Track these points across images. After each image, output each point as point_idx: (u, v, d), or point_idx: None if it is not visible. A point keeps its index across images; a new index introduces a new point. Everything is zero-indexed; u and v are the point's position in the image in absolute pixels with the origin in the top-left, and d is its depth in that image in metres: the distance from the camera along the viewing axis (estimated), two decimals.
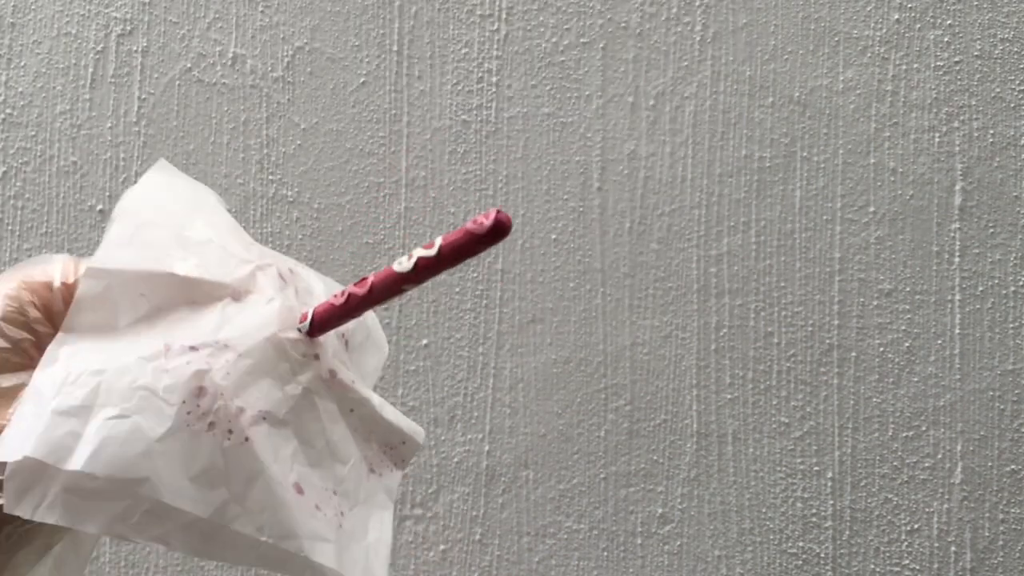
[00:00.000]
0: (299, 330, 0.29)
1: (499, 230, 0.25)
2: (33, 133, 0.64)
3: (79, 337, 0.27)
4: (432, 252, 0.26)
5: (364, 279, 0.28)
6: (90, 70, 0.64)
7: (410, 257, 0.27)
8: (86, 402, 0.26)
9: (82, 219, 0.63)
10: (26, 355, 0.28)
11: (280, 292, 0.29)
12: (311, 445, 0.29)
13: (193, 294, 0.28)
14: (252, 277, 0.29)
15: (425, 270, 0.27)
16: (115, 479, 0.26)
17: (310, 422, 0.29)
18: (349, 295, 0.28)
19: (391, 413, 0.31)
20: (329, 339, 0.30)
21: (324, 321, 0.29)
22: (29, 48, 0.64)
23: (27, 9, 0.64)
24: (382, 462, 0.31)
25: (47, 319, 0.28)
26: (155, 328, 0.28)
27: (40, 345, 0.28)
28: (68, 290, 0.29)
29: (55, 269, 0.29)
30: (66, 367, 0.27)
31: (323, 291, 0.31)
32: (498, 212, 0.25)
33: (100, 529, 0.26)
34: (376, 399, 0.31)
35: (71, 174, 0.63)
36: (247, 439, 0.27)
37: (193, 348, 0.27)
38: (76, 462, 0.25)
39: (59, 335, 0.27)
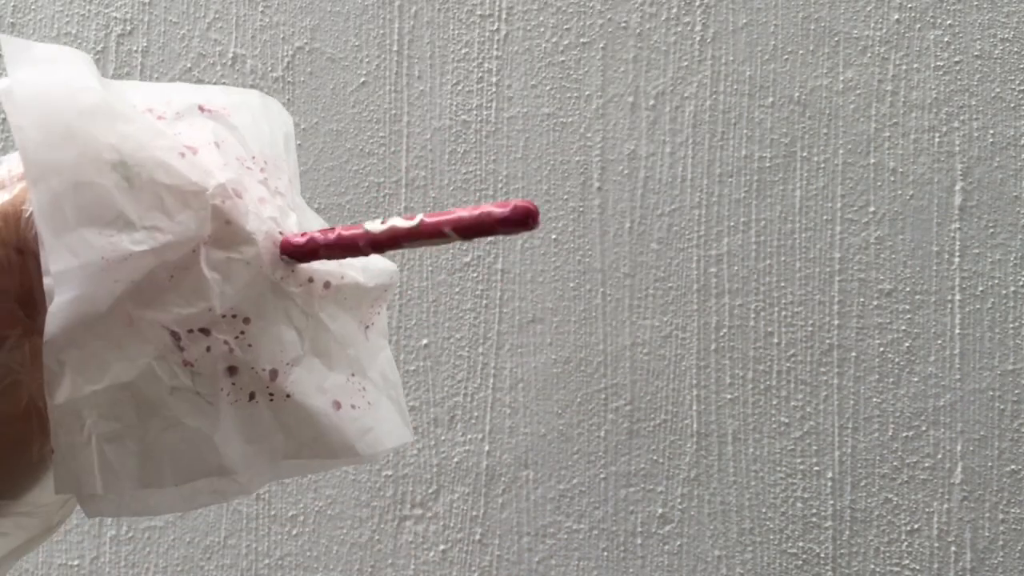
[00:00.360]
0: (284, 259, 0.28)
1: (521, 220, 0.24)
2: None
3: (68, 342, 0.25)
4: (412, 223, 0.26)
5: (361, 227, 0.27)
6: None
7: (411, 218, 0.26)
8: (129, 421, 0.26)
9: None
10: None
11: (248, 217, 0.27)
12: (326, 355, 0.29)
13: (164, 257, 0.26)
14: (215, 215, 0.27)
15: (429, 228, 0.26)
16: (192, 479, 0.26)
17: (320, 337, 0.29)
18: (339, 235, 0.27)
19: (372, 276, 0.31)
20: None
21: (311, 256, 0.28)
22: None
23: (27, 9, 0.64)
24: (371, 313, 0.32)
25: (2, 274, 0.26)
26: (144, 307, 0.26)
27: (8, 306, 0.26)
28: (6, 225, 0.27)
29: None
30: (82, 384, 0.25)
31: (255, 151, 0.29)
32: (527, 204, 0.24)
33: (180, 509, 0.27)
34: (359, 272, 0.30)
35: None
36: (288, 395, 0.28)
37: (204, 331, 0.27)
38: (150, 480, 0.26)
39: (46, 346, 0.25)
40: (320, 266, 0.29)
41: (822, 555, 0.62)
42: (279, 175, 0.30)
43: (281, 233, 0.28)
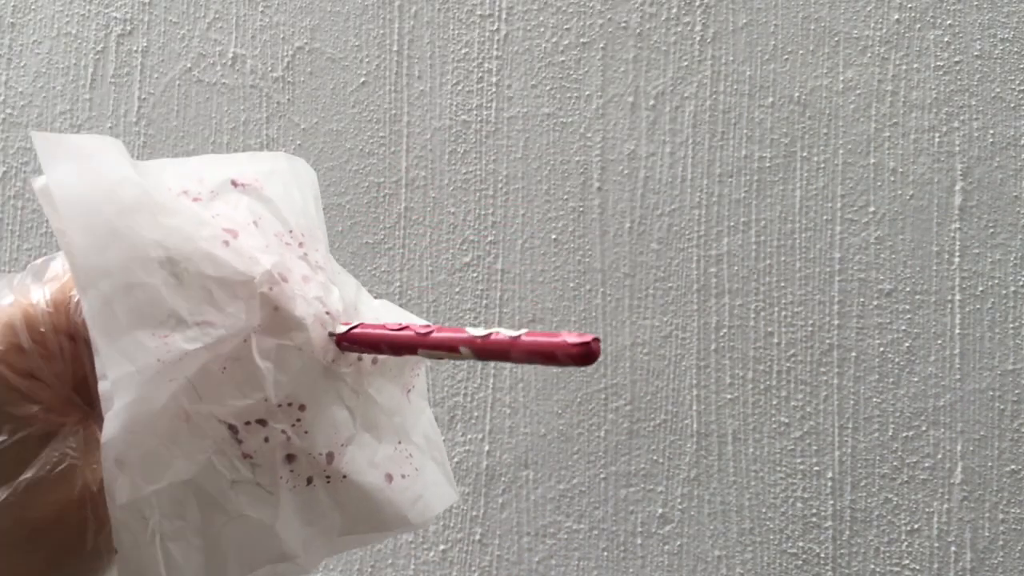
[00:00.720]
0: (331, 335, 0.28)
1: (588, 355, 0.23)
2: None
3: (127, 442, 0.25)
4: (509, 334, 0.25)
5: (428, 326, 0.27)
6: (90, 70, 0.64)
7: (487, 328, 0.26)
8: (192, 517, 0.26)
9: None
10: (44, 422, 0.26)
11: (295, 303, 0.27)
12: (376, 427, 0.29)
13: (216, 350, 0.26)
14: (264, 304, 0.27)
15: (491, 345, 0.25)
16: (256, 568, 0.27)
17: (370, 410, 0.29)
18: (404, 327, 0.27)
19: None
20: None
21: (364, 344, 0.28)
22: (29, 48, 0.64)
23: (27, 9, 0.64)
24: (411, 378, 0.32)
25: (36, 382, 0.26)
26: (199, 401, 0.26)
27: (48, 408, 0.26)
28: (41, 344, 0.26)
29: (16, 326, 0.26)
30: (142, 484, 0.25)
31: (292, 223, 0.29)
32: (594, 339, 0.23)
33: None
34: None
35: None
36: (345, 476, 0.28)
37: (261, 422, 0.26)
38: (215, 574, 0.26)
39: (104, 448, 0.25)
40: None
41: (822, 555, 0.62)
42: (316, 245, 0.30)
43: (328, 314, 0.28)
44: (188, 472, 0.26)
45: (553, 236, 0.63)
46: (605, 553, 0.62)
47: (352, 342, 0.28)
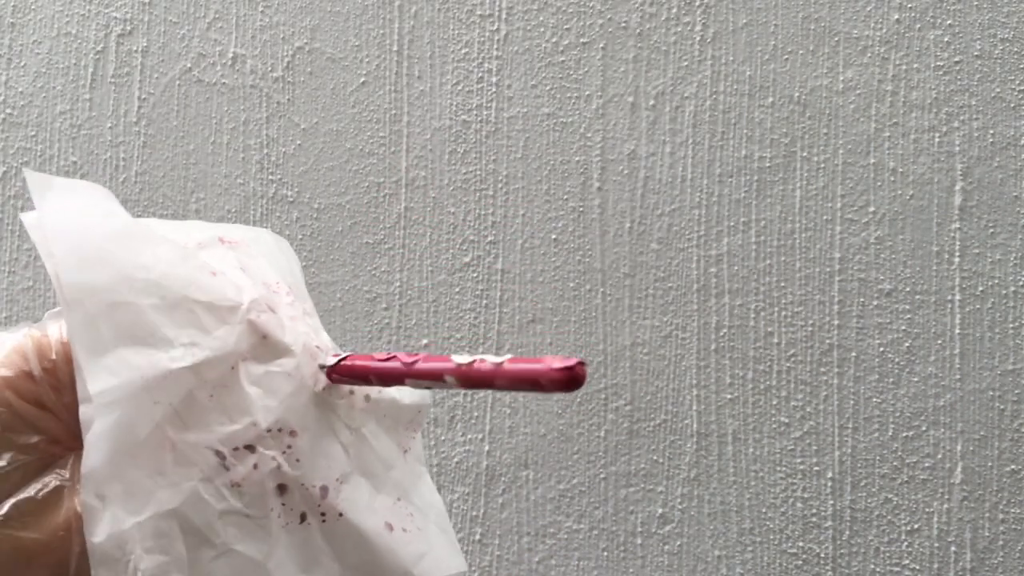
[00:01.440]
0: (322, 367, 0.27)
1: (572, 380, 0.23)
2: (33, 133, 0.64)
3: (108, 474, 0.24)
4: (493, 362, 0.24)
5: (415, 355, 0.26)
6: (90, 70, 0.64)
7: (472, 356, 0.26)
8: (176, 553, 0.24)
9: None
10: (45, 454, 0.26)
11: (284, 331, 0.27)
12: (373, 475, 0.29)
13: (203, 375, 0.26)
14: (250, 330, 0.27)
15: (474, 374, 0.25)
16: None
17: (365, 455, 0.29)
18: (391, 357, 0.26)
19: (407, 396, 0.31)
20: None
21: (353, 375, 0.27)
22: (29, 48, 0.64)
23: (27, 9, 0.64)
24: (407, 437, 0.31)
25: (44, 411, 0.26)
26: (185, 429, 0.25)
27: (52, 439, 0.26)
28: (51, 373, 0.26)
29: (28, 355, 0.26)
30: (124, 517, 0.24)
31: (274, 274, 0.29)
32: (578, 363, 0.23)
33: None
34: (395, 390, 0.30)
35: (71, 174, 0.63)
36: (341, 514, 0.27)
37: (249, 447, 0.25)
38: None
39: (84, 481, 0.24)
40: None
41: (822, 555, 0.62)
42: (304, 300, 0.30)
43: (318, 347, 0.28)
44: (173, 501, 0.25)
45: (553, 236, 0.63)
46: (605, 553, 0.62)
47: (341, 374, 0.27)
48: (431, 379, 0.25)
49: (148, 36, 0.64)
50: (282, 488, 0.26)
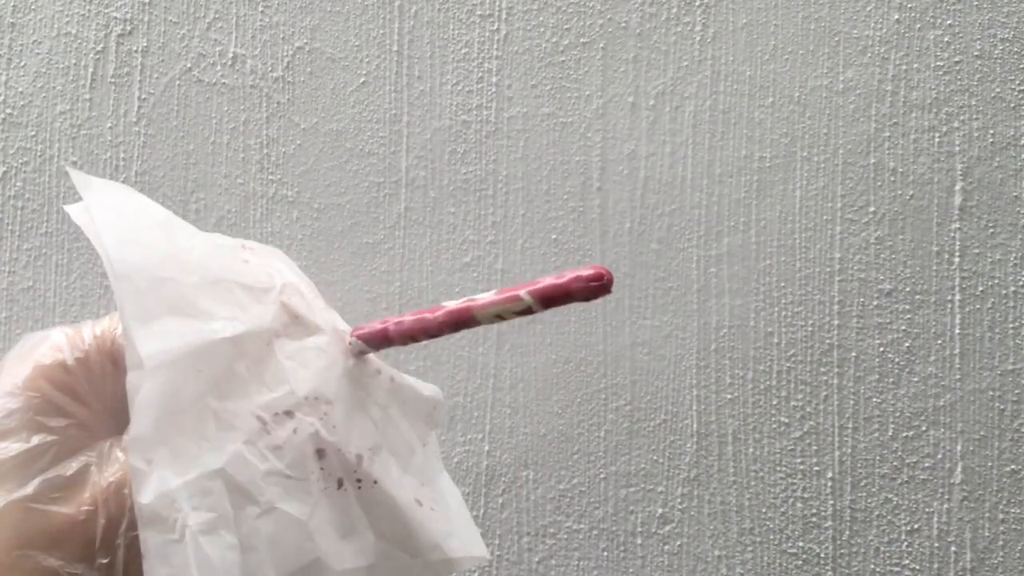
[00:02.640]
0: (350, 343, 0.29)
1: (604, 287, 0.24)
2: (33, 133, 0.64)
3: (154, 440, 0.25)
4: (523, 293, 0.26)
5: (439, 307, 0.28)
6: (90, 70, 0.64)
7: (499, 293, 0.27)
8: (223, 509, 0.25)
9: None
10: (73, 439, 0.27)
11: (314, 312, 0.29)
12: (399, 454, 0.30)
13: (241, 348, 0.27)
14: (283, 309, 0.28)
15: (510, 299, 0.26)
16: (292, 572, 0.26)
17: (393, 434, 0.30)
18: (419, 318, 0.28)
19: (424, 388, 0.32)
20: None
21: (382, 341, 0.29)
22: (29, 48, 0.64)
23: (27, 9, 0.64)
24: (426, 432, 0.32)
25: (75, 400, 0.27)
26: (225, 399, 0.26)
27: (81, 424, 0.27)
28: (84, 364, 0.28)
29: (61, 346, 0.28)
30: (170, 478, 0.25)
31: (296, 278, 0.31)
32: (603, 271, 0.24)
33: None
34: (412, 380, 0.31)
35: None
36: (376, 481, 0.28)
37: (288, 413, 0.27)
38: (251, 573, 0.25)
39: (131, 445, 0.25)
40: (382, 362, 0.30)
41: (822, 555, 0.62)
42: (323, 303, 0.31)
43: (344, 330, 0.29)
44: (218, 462, 0.25)
45: (553, 236, 0.63)
46: (605, 553, 0.62)
47: (371, 339, 0.29)
48: (463, 323, 0.27)
49: (148, 36, 0.64)
50: (320, 452, 0.27)
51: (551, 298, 0.25)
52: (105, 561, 0.26)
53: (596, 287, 0.24)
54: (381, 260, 0.63)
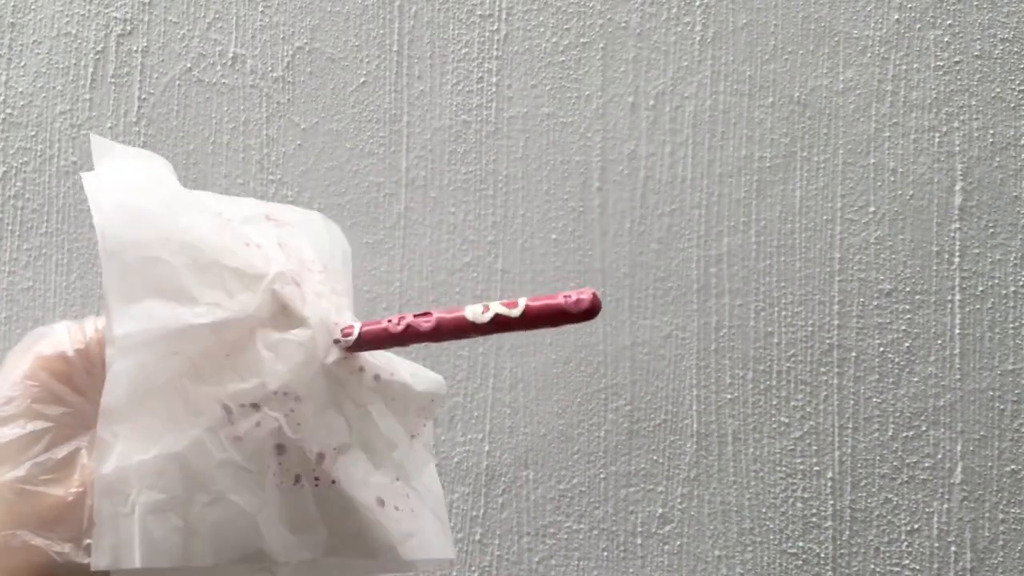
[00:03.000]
0: (336, 341, 0.29)
1: (591, 311, 0.25)
2: (33, 133, 0.64)
3: (124, 414, 0.26)
4: (515, 312, 0.26)
5: (428, 313, 0.28)
6: (90, 70, 0.64)
7: (486, 310, 0.27)
8: (174, 492, 0.26)
9: (82, 219, 0.63)
10: (68, 427, 0.28)
11: (305, 304, 0.29)
12: (373, 450, 0.30)
13: (222, 335, 0.27)
14: (272, 299, 0.28)
15: (500, 326, 0.27)
16: (232, 560, 0.26)
17: (368, 431, 0.30)
18: (408, 326, 0.28)
19: (420, 382, 0.32)
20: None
21: (371, 343, 0.29)
22: (29, 48, 0.64)
23: (27, 9, 0.64)
24: (417, 423, 0.32)
25: (74, 390, 0.28)
26: (199, 383, 0.27)
27: (78, 413, 0.28)
28: (84, 355, 0.29)
29: (62, 339, 0.29)
30: (131, 452, 0.26)
31: (311, 252, 0.31)
32: (593, 294, 0.25)
33: None
34: (407, 376, 0.31)
35: (71, 174, 0.63)
36: (334, 481, 0.28)
37: (255, 406, 0.27)
38: (193, 557, 0.25)
39: (101, 417, 0.26)
40: (371, 358, 0.30)
41: (822, 555, 0.62)
42: (337, 280, 0.31)
43: (336, 324, 0.29)
44: (177, 445, 0.26)
45: (553, 236, 0.63)
46: (605, 553, 0.62)
47: (366, 340, 0.29)
48: (458, 334, 0.27)
49: (148, 36, 0.64)
50: (280, 448, 0.27)
51: (539, 318, 0.26)
52: (92, 541, 0.26)
53: (584, 312, 0.25)
54: (381, 260, 0.63)
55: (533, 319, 0.26)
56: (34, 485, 0.26)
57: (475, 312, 0.27)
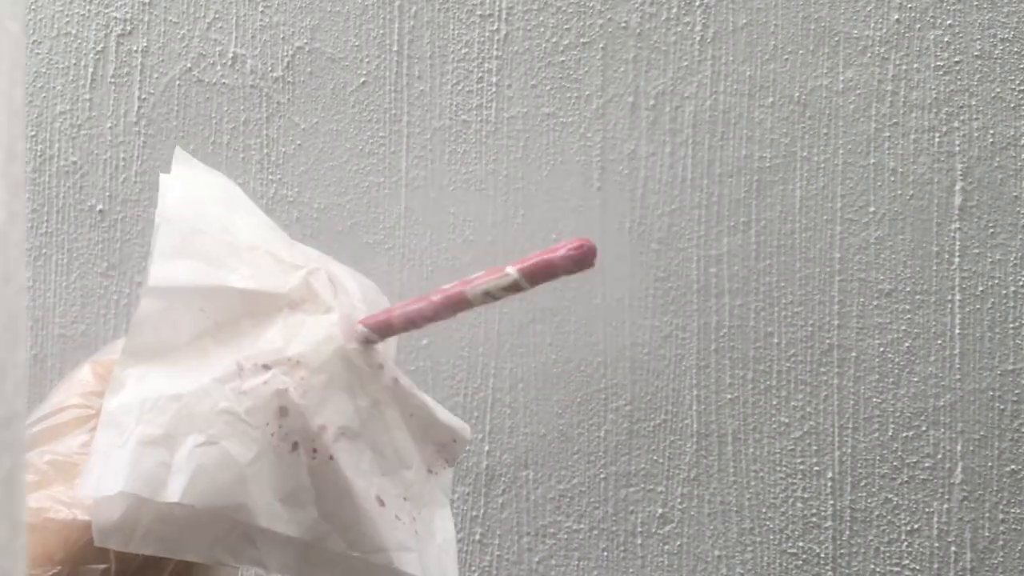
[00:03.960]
0: (359, 335, 0.29)
1: (585, 259, 0.25)
2: (33, 133, 0.64)
3: (143, 358, 0.27)
4: (511, 272, 0.27)
5: (441, 289, 0.28)
6: (90, 70, 0.64)
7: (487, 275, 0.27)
8: (170, 430, 0.26)
9: (82, 219, 0.63)
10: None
11: (334, 299, 0.30)
12: (382, 455, 0.29)
13: (251, 305, 0.28)
14: (305, 284, 0.29)
15: (504, 292, 0.27)
16: (212, 507, 0.26)
17: (379, 432, 0.30)
18: (421, 306, 0.29)
19: (443, 413, 0.32)
20: (389, 345, 0.31)
21: (385, 328, 0.29)
22: (29, 48, 0.64)
23: (27, 9, 0.64)
24: (436, 461, 0.32)
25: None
26: (220, 344, 0.28)
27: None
28: (104, 378, 0.30)
29: (117, 350, 0.30)
30: (139, 392, 0.27)
31: (356, 288, 0.31)
32: (585, 241, 0.25)
33: (197, 556, 0.26)
34: (430, 400, 0.32)
35: (71, 174, 0.63)
36: (331, 457, 0.28)
37: (266, 367, 0.28)
38: (172, 493, 0.26)
39: (121, 357, 0.27)
40: (394, 365, 0.30)
41: (822, 555, 0.62)
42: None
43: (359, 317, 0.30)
44: (182, 389, 0.27)
45: (553, 236, 0.63)
46: (605, 553, 0.62)
47: (371, 326, 0.29)
48: (457, 306, 0.28)
49: (148, 36, 0.64)
50: (283, 411, 0.27)
51: (537, 270, 0.26)
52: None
53: (578, 256, 0.25)
54: (381, 260, 0.63)
55: (531, 276, 0.27)
56: (68, 458, 0.27)
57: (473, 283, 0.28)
